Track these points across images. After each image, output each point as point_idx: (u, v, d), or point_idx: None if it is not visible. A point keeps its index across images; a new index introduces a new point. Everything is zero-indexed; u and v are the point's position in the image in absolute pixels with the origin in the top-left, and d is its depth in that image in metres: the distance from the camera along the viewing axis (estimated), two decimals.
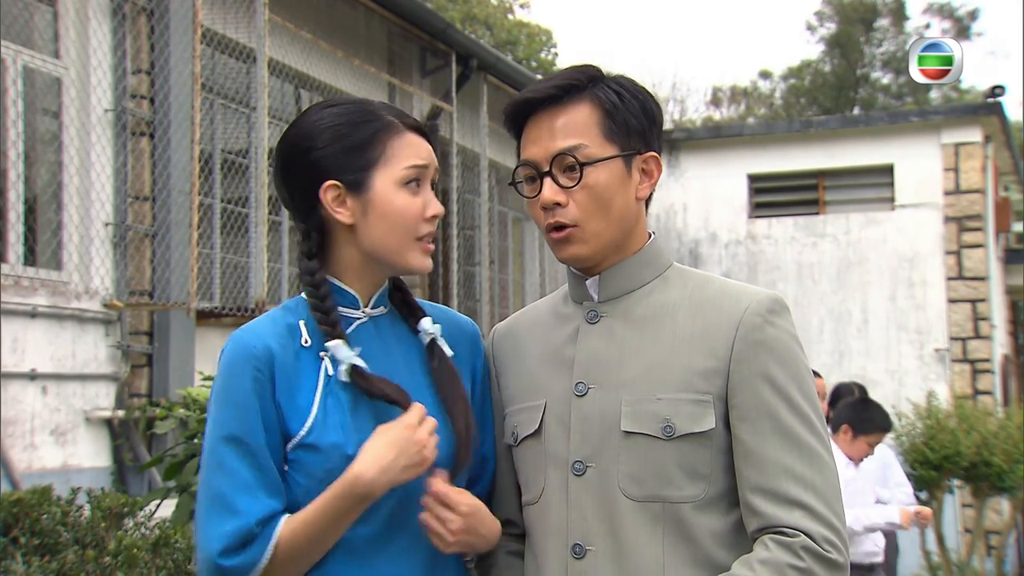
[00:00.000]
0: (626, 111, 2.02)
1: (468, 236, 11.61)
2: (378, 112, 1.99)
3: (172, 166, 7.10)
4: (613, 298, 2.06)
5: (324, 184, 1.94)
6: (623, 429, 1.94)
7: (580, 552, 1.95)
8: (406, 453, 1.87)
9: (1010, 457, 8.37)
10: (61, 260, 6.78)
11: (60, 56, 6.85)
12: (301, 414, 1.90)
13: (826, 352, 12.80)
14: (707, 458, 1.93)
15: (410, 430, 1.88)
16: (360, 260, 1.99)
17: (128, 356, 7.02)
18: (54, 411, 6.51)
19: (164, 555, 3.91)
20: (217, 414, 1.90)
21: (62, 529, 4.11)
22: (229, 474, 1.86)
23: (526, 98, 2.05)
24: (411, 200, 1.96)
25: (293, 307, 2.02)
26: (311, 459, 1.89)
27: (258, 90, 7.66)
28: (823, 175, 13.32)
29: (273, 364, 1.90)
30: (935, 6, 33.58)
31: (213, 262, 7.87)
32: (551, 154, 2.00)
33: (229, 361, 1.91)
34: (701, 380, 1.93)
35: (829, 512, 1.86)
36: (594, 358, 2.02)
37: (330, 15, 9.18)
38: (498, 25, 26.69)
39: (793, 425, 1.89)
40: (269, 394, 1.89)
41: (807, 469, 1.87)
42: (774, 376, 1.91)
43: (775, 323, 1.95)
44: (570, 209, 1.99)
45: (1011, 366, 15.29)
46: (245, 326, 1.98)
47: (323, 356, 1.94)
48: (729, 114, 34.64)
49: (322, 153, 1.94)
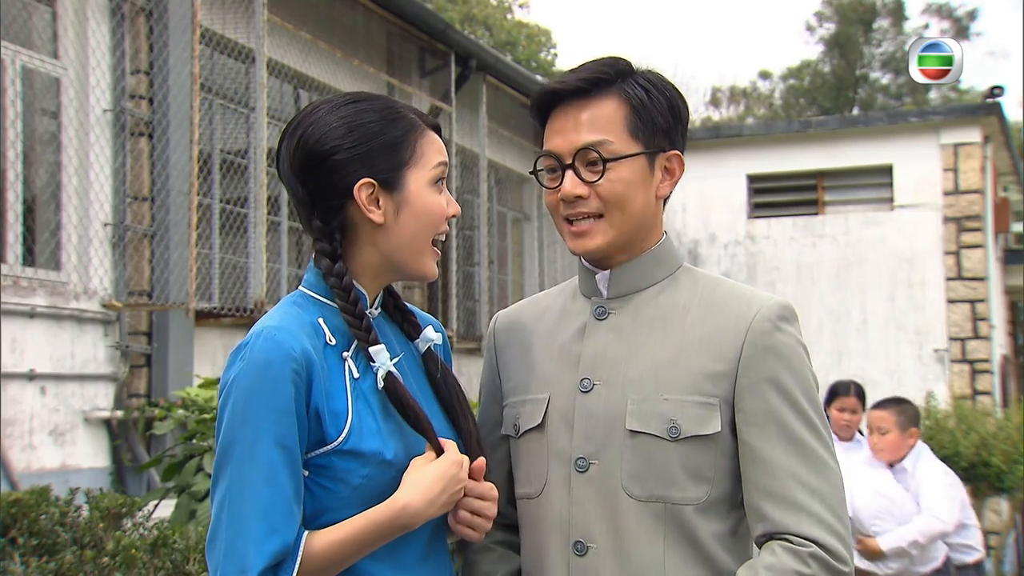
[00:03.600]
0: (653, 108, 2.01)
1: (467, 236, 11.60)
2: (403, 110, 1.95)
3: (171, 166, 7.11)
4: (623, 295, 2.05)
5: (359, 182, 1.88)
6: (628, 428, 1.94)
7: (582, 549, 1.95)
8: (450, 490, 1.86)
9: (1009, 457, 8.38)
10: (60, 260, 6.78)
11: (59, 56, 6.85)
12: (338, 419, 1.84)
13: (825, 352, 12.79)
14: (711, 461, 1.92)
15: (458, 467, 1.87)
16: (378, 262, 1.95)
17: (127, 356, 7.02)
18: (53, 411, 6.51)
19: (162, 555, 3.89)
20: (257, 418, 1.78)
21: (60, 530, 4.09)
22: (275, 485, 1.76)
23: (553, 89, 2.03)
24: (439, 199, 1.95)
25: (304, 304, 1.94)
26: (348, 465, 1.83)
27: (257, 90, 7.66)
28: (822, 175, 13.32)
29: (311, 367, 1.82)
30: (934, 6, 33.59)
31: (212, 262, 7.87)
32: (575, 147, 1.98)
33: (264, 362, 1.79)
34: (708, 383, 1.93)
35: (836, 521, 1.86)
36: (601, 355, 2.01)
37: (329, 15, 9.17)
38: (497, 25, 26.70)
39: (801, 432, 1.89)
40: (304, 399, 1.81)
41: (814, 476, 1.87)
42: (783, 382, 1.91)
43: (785, 329, 1.95)
44: (590, 203, 1.98)
45: (1010, 366, 15.28)
46: (274, 324, 1.86)
47: (345, 357, 1.89)
48: (728, 114, 34.63)
49: (356, 151, 1.88)
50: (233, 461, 1.78)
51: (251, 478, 1.77)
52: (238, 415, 1.79)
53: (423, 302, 10.54)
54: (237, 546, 1.75)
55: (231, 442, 1.79)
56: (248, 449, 1.77)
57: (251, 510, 1.75)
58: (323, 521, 1.83)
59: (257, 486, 1.76)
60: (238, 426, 1.78)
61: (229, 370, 1.84)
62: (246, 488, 1.77)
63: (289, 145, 1.93)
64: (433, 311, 10.58)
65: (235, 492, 1.77)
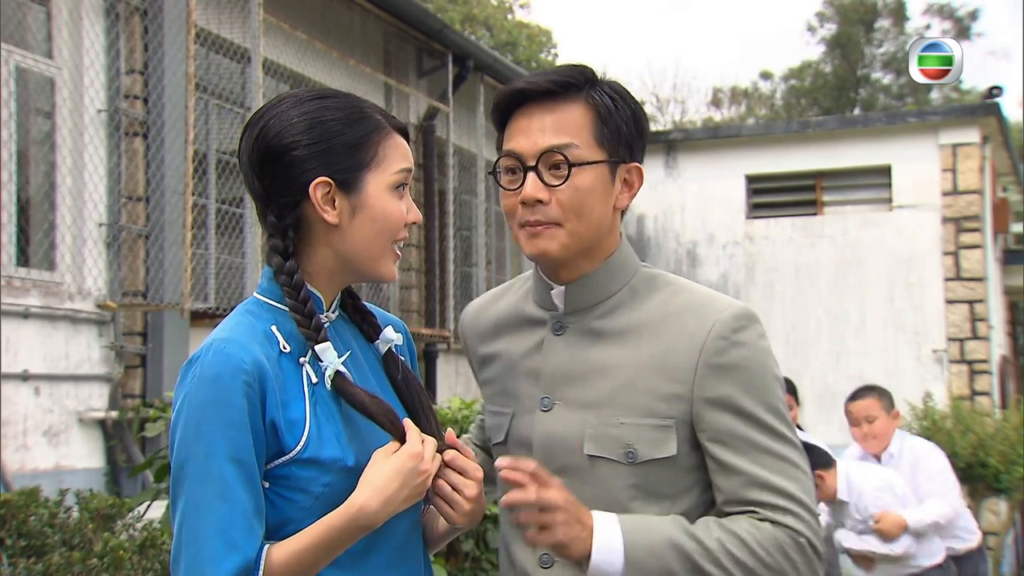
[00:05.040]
0: (619, 117, 1.99)
1: (465, 237, 11.60)
2: (368, 110, 1.91)
3: (166, 166, 7.10)
4: (579, 310, 2.03)
5: (315, 180, 1.84)
6: (587, 453, 1.95)
7: (547, 562, 1.99)
8: (410, 484, 1.81)
9: (1006, 458, 8.36)
10: (54, 261, 6.77)
11: (53, 56, 6.84)
12: (295, 428, 1.80)
13: (823, 353, 12.78)
14: (670, 479, 1.94)
15: (415, 460, 1.82)
16: (333, 263, 1.91)
17: (122, 357, 7.01)
18: (47, 412, 6.50)
19: (151, 556, 3.89)
20: (210, 433, 1.74)
21: (50, 531, 4.08)
22: (231, 501, 1.73)
23: (520, 88, 2.00)
24: (398, 205, 1.90)
25: (257, 311, 1.89)
26: (308, 474, 1.80)
27: (253, 90, 7.65)
28: (821, 176, 13.29)
29: (264, 378, 1.77)
30: (935, 7, 33.59)
31: (208, 262, 7.87)
32: (540, 149, 1.95)
33: (214, 376, 1.75)
34: (664, 404, 1.93)
35: (810, 515, 1.90)
36: (559, 373, 2.01)
37: (325, 15, 9.17)
38: (498, 26, 26.71)
39: (766, 442, 1.91)
40: (259, 411, 1.77)
41: (783, 479, 1.90)
42: (739, 403, 1.91)
43: (740, 341, 1.94)
44: (551, 208, 1.95)
45: (1009, 367, 15.26)
46: (224, 335, 1.81)
47: (303, 363, 1.85)
48: (730, 115, 34.64)
49: (315, 148, 1.84)
50: (188, 479, 1.75)
51: (206, 495, 1.74)
52: (191, 432, 1.76)
53: (421, 302, 10.54)
54: (197, 565, 1.72)
55: (185, 460, 1.76)
56: (202, 465, 1.74)
57: (207, 528, 1.72)
58: (287, 532, 1.80)
59: (212, 503, 1.73)
60: (191, 443, 1.75)
61: (180, 386, 1.80)
62: (201, 506, 1.73)
63: (249, 137, 1.90)
64: (431, 311, 10.58)
65: (191, 510, 1.74)
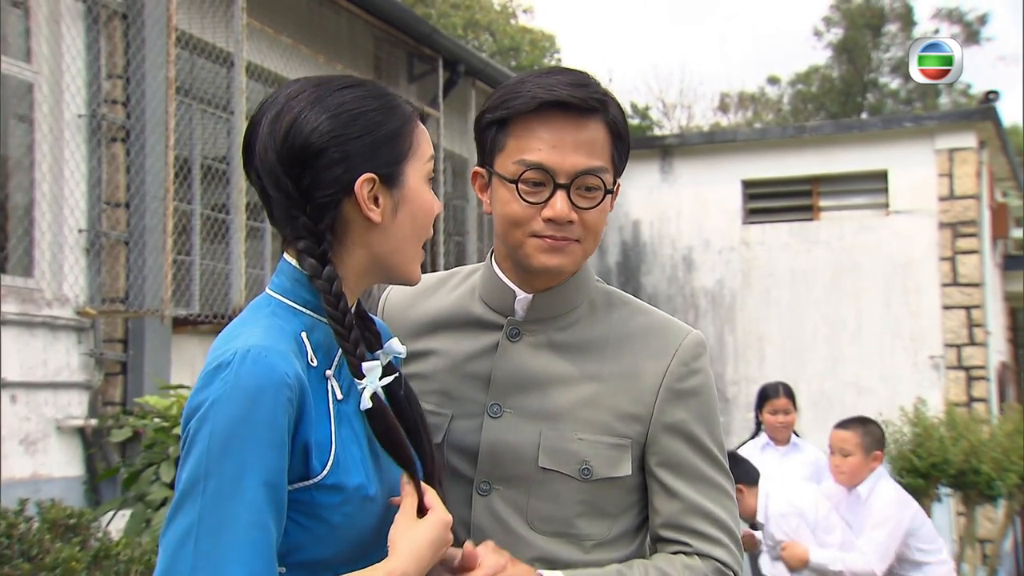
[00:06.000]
0: (626, 139, 1.96)
1: (458, 242, 11.56)
2: (397, 98, 1.76)
3: (147, 172, 7.05)
4: (540, 319, 1.99)
5: (361, 177, 1.68)
6: (541, 465, 1.92)
7: None
8: (439, 553, 1.71)
9: (999, 465, 8.27)
10: (32, 267, 6.72)
11: (32, 60, 6.80)
12: (322, 450, 1.64)
13: (820, 359, 12.70)
14: (616, 499, 1.95)
15: (447, 529, 1.71)
16: (366, 266, 1.74)
17: (101, 364, 6.96)
18: (24, 420, 6.45)
19: (105, 567, 3.84)
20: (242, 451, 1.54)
21: (8, 542, 4.04)
22: (260, 529, 1.54)
23: (559, 99, 1.87)
24: (433, 196, 1.78)
25: (282, 314, 1.71)
26: (330, 501, 1.63)
27: (236, 94, 7.61)
28: (817, 181, 13.21)
29: (304, 394, 1.61)
30: (944, 11, 33.48)
31: (192, 268, 7.82)
32: (577, 170, 1.87)
33: (256, 388, 1.56)
34: (622, 424, 1.93)
35: (737, 545, 1.96)
36: (513, 380, 1.96)
37: (311, 20, 9.13)
38: (501, 31, 26.65)
39: (707, 471, 1.95)
40: (293, 431, 1.60)
41: (719, 508, 1.95)
42: (691, 431, 1.95)
43: (698, 370, 1.98)
44: (575, 226, 1.90)
45: (1009, 373, 15.16)
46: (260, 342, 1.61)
47: (328, 376, 1.69)
48: (737, 120, 34.52)
49: (359, 143, 1.67)
50: (207, 496, 1.54)
51: (233, 518, 1.53)
52: (217, 445, 1.54)
53: None
54: None
55: (204, 475, 1.54)
56: (228, 485, 1.54)
57: (230, 555, 1.52)
58: (293, 560, 1.64)
59: (236, 528, 1.53)
60: (217, 458, 1.54)
61: (205, 391, 1.58)
62: (224, 529, 1.53)
63: (274, 134, 1.69)
64: None
65: (207, 532, 1.53)
